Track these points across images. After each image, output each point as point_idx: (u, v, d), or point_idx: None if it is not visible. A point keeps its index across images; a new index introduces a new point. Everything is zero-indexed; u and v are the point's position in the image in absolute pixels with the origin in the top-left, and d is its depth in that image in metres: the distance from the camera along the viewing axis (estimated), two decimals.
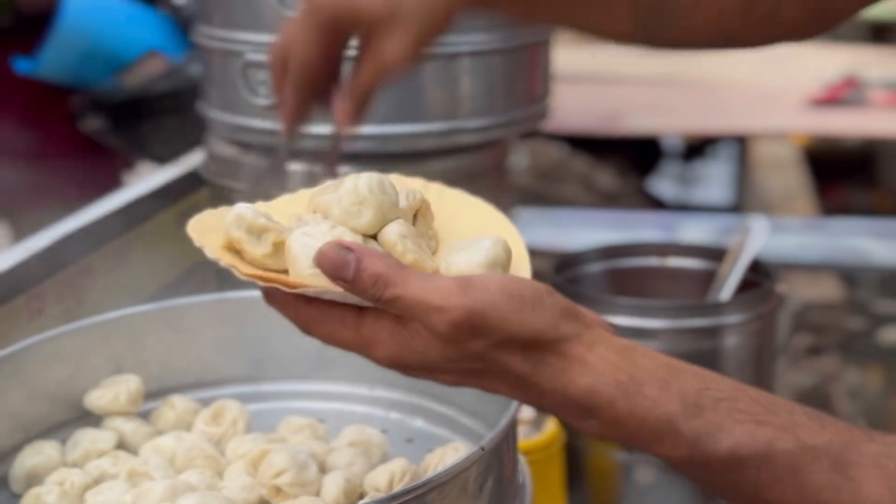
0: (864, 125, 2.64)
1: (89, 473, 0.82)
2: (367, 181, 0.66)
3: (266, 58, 1.07)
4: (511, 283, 0.60)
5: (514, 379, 0.61)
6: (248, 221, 0.66)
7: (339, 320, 0.62)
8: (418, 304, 0.59)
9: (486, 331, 0.59)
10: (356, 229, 0.66)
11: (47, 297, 1.03)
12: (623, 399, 0.60)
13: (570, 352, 0.60)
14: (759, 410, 0.60)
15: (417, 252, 0.66)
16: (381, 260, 0.60)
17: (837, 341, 1.73)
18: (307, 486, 0.77)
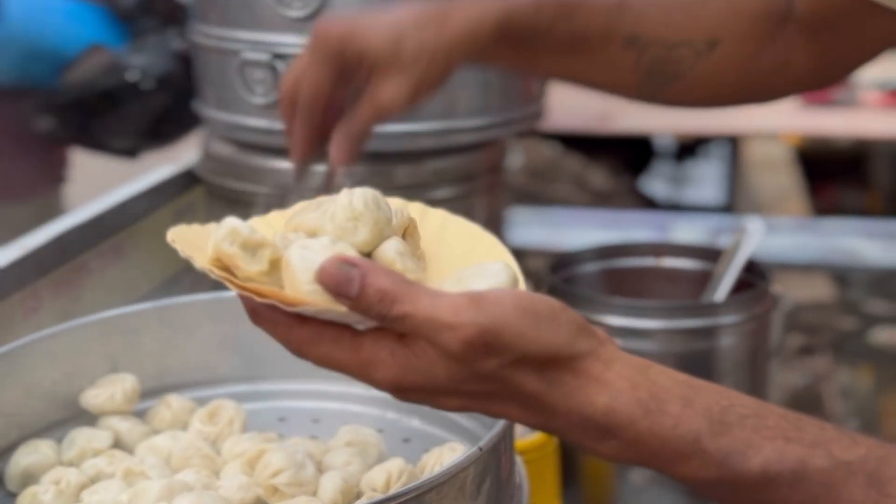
0: (855, 126, 2.65)
1: (85, 472, 0.81)
2: (361, 196, 0.63)
3: (263, 56, 1.08)
4: (525, 299, 0.57)
5: (525, 400, 0.58)
6: (243, 237, 0.62)
7: (335, 341, 0.59)
8: (429, 321, 0.56)
9: (500, 348, 0.56)
10: (352, 246, 0.62)
11: (43, 295, 1.03)
12: (644, 418, 0.57)
13: (586, 369, 0.58)
14: (787, 427, 0.58)
15: (417, 272, 0.63)
16: (387, 276, 0.56)
17: (829, 341, 1.74)
18: (304, 485, 0.77)
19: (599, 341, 0.59)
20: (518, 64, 0.88)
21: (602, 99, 2.72)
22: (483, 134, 1.13)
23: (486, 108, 1.13)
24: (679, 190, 3.65)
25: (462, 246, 0.68)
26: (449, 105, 1.11)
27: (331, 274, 0.56)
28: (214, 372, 0.94)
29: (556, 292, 1.15)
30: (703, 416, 0.57)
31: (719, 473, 0.57)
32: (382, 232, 0.63)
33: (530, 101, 1.19)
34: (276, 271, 0.62)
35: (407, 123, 1.09)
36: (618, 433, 0.58)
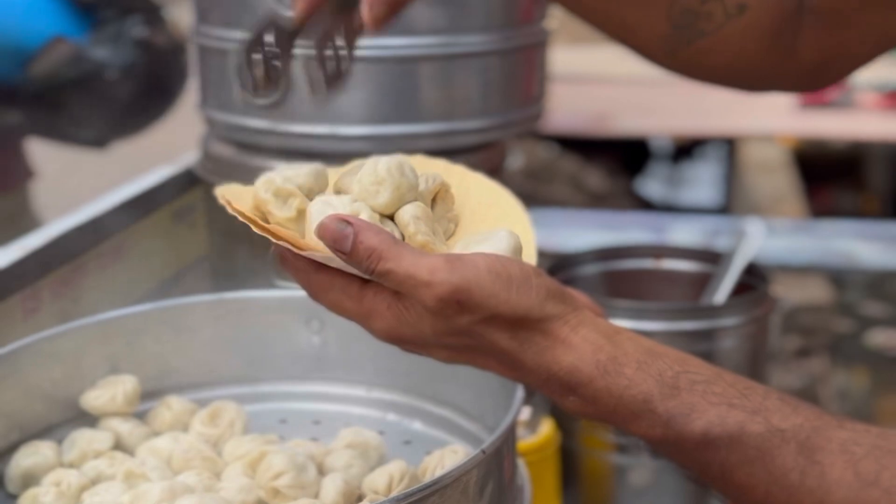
0: (852, 128, 2.65)
1: (86, 474, 0.81)
2: (386, 163, 0.69)
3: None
4: (499, 263, 0.62)
5: (501, 355, 0.64)
6: (275, 185, 0.68)
7: (343, 290, 0.65)
8: (408, 278, 0.61)
9: (472, 307, 0.61)
10: (374, 208, 0.68)
11: (42, 296, 1.03)
12: (601, 378, 0.62)
13: (554, 331, 0.63)
14: (733, 394, 0.62)
15: (429, 235, 0.68)
16: (376, 234, 0.62)
17: (825, 343, 1.74)
18: (306, 487, 0.77)
19: (572, 307, 0.64)
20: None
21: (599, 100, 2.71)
22: (483, 136, 1.13)
23: (486, 110, 1.12)
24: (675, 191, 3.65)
25: (492, 211, 0.74)
26: (449, 107, 1.11)
27: (329, 229, 0.62)
28: (215, 373, 0.94)
29: None
30: (655, 379, 0.62)
31: (665, 433, 0.62)
32: (404, 196, 0.69)
33: (530, 102, 1.18)
34: (303, 219, 0.68)
35: (407, 125, 1.09)
36: (578, 390, 0.63)
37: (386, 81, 1.08)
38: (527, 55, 1.16)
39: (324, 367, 0.94)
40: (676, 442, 0.62)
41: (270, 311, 0.94)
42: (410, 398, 0.92)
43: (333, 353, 0.94)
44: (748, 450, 0.60)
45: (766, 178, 2.80)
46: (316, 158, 1.10)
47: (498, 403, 0.81)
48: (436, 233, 0.70)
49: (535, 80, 1.19)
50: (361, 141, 1.09)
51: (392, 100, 1.09)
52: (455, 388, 0.89)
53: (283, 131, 1.10)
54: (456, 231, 0.74)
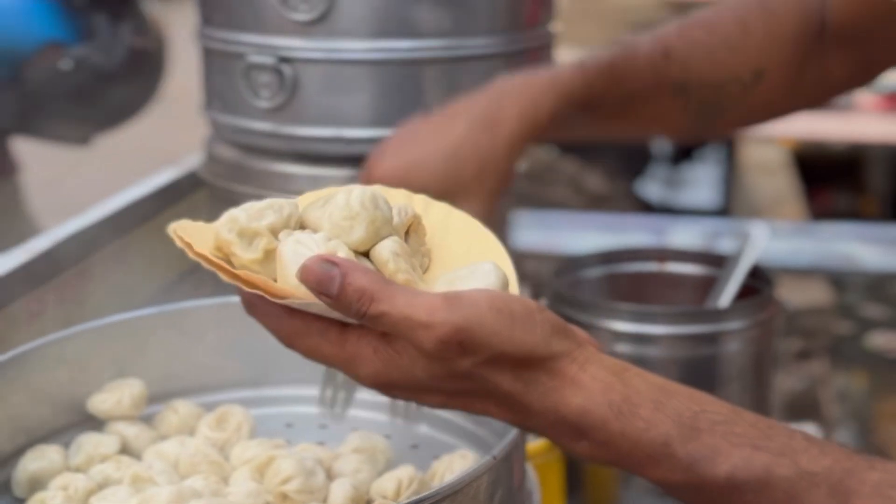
0: (851, 129, 2.66)
1: (93, 478, 0.81)
2: (359, 195, 0.64)
3: (268, 60, 1.08)
4: (500, 299, 0.59)
5: (503, 398, 0.60)
6: (240, 224, 0.63)
7: (322, 335, 0.60)
8: (404, 320, 0.57)
9: (474, 348, 0.57)
10: (348, 245, 0.63)
11: (47, 299, 1.03)
12: (616, 420, 0.58)
13: (562, 370, 0.59)
14: (756, 434, 0.59)
15: (409, 272, 0.63)
16: (366, 275, 0.58)
17: (826, 345, 1.74)
18: (314, 492, 0.77)
19: (576, 343, 0.60)
20: (572, 135, 0.90)
21: None
22: None
23: None
24: (675, 193, 3.65)
25: (462, 242, 0.69)
26: None
27: (313, 272, 0.57)
28: (221, 377, 0.94)
29: (560, 297, 1.15)
30: (673, 420, 0.58)
31: (687, 478, 0.58)
32: (379, 231, 0.64)
33: None
34: (271, 261, 0.63)
35: None
36: (590, 434, 0.59)
37: (391, 84, 1.08)
38: (532, 58, 1.16)
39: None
40: (699, 487, 0.58)
41: None
42: None
43: None
44: (777, 494, 0.57)
45: (765, 180, 2.81)
46: (321, 161, 1.11)
47: None
48: (414, 269, 0.65)
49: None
50: (366, 143, 1.08)
51: (397, 102, 1.08)
52: None
53: (287, 134, 1.10)
54: (430, 266, 0.69)
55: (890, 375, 1.79)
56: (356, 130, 1.08)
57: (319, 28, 1.06)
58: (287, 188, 1.10)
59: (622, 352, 1.15)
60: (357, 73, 1.07)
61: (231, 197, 1.14)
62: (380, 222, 0.64)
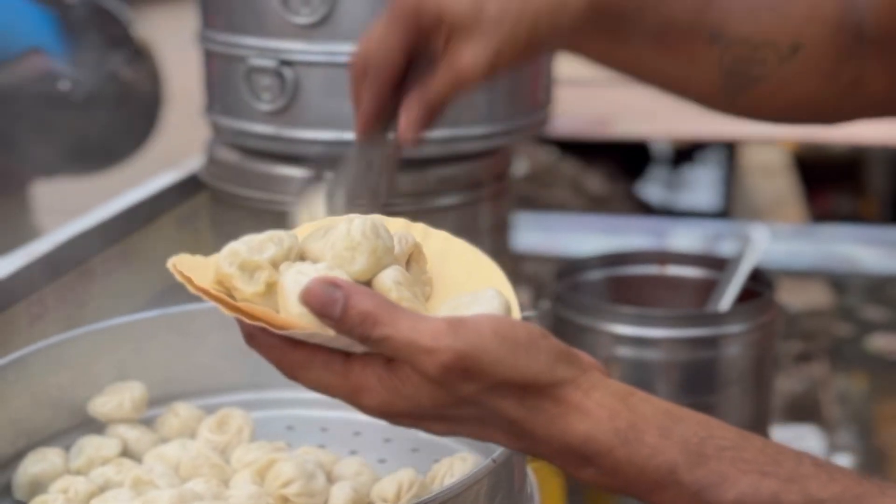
0: (851, 131, 2.64)
1: (94, 481, 0.81)
2: (360, 225, 0.63)
3: (270, 63, 1.08)
4: (504, 325, 0.58)
5: (508, 426, 0.59)
6: (241, 257, 0.63)
7: (326, 366, 0.60)
8: (408, 344, 0.56)
9: (478, 374, 0.57)
10: (350, 275, 0.62)
11: (48, 302, 1.03)
12: (622, 447, 0.58)
13: (566, 397, 0.58)
14: (764, 460, 0.58)
15: (413, 301, 0.63)
16: (370, 298, 0.57)
17: (826, 348, 1.74)
18: (315, 496, 0.77)
19: (581, 369, 0.60)
20: (603, 54, 0.85)
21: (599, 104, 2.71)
22: (489, 141, 1.13)
23: (492, 116, 1.12)
24: (675, 195, 3.65)
25: (462, 269, 0.69)
26: (455, 112, 1.10)
27: (316, 295, 0.57)
28: (222, 380, 0.94)
29: (561, 300, 1.16)
30: (680, 447, 0.58)
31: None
32: (381, 261, 0.64)
33: (536, 108, 1.18)
34: (272, 294, 0.62)
35: None
36: (596, 461, 0.58)
37: None
38: (532, 62, 1.16)
39: None
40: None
41: None
42: None
43: None
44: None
45: (766, 182, 2.81)
46: (322, 164, 1.11)
47: None
48: (417, 297, 0.64)
49: (541, 86, 1.19)
50: None
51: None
52: None
53: (288, 137, 1.10)
54: (431, 294, 0.68)
55: (890, 377, 1.79)
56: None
57: (320, 31, 1.06)
58: (288, 191, 1.10)
59: (623, 355, 1.15)
60: None
61: (232, 200, 1.15)
62: (381, 251, 0.63)
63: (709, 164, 3.58)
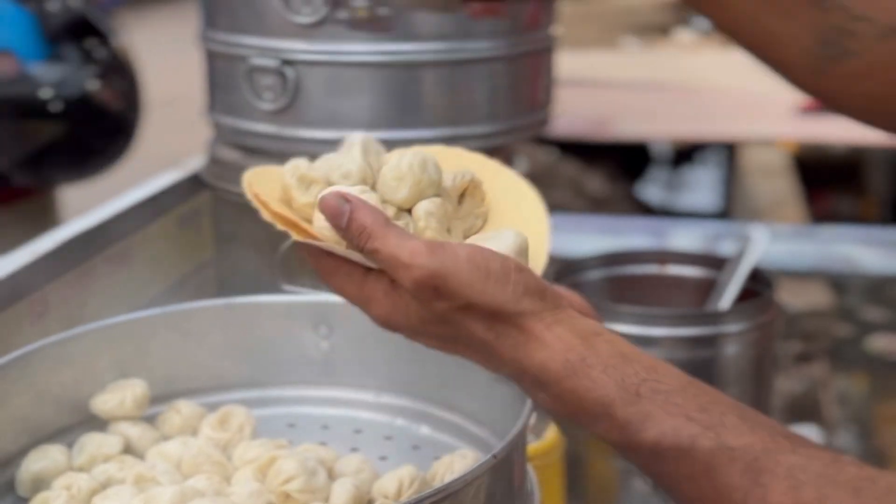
0: (851, 132, 2.64)
1: (96, 478, 0.81)
2: (409, 159, 0.70)
3: (271, 62, 1.08)
4: (480, 255, 0.64)
5: (478, 346, 0.65)
6: (300, 171, 0.71)
7: (347, 275, 0.67)
8: (390, 258, 0.63)
9: (447, 294, 0.63)
10: (393, 202, 0.70)
11: (50, 300, 1.03)
12: (568, 378, 0.63)
13: (528, 327, 0.64)
14: (693, 407, 0.61)
15: (439, 231, 0.70)
16: (370, 213, 0.64)
17: (826, 348, 1.74)
18: (316, 492, 0.77)
19: (552, 305, 0.65)
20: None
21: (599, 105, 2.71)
22: (490, 141, 1.14)
23: (492, 116, 1.13)
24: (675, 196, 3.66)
25: (515, 208, 0.75)
26: (456, 112, 1.11)
27: (328, 205, 0.65)
28: (223, 377, 0.95)
29: None
30: (618, 385, 0.62)
31: (621, 438, 0.62)
32: (423, 192, 0.70)
33: (537, 108, 1.19)
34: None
35: (414, 130, 1.09)
36: (547, 388, 0.64)
37: (393, 87, 1.08)
38: (533, 61, 1.17)
39: (332, 372, 0.95)
40: (631, 449, 0.62)
41: (279, 316, 0.95)
42: (419, 403, 0.92)
43: (342, 357, 0.94)
44: (696, 464, 0.60)
45: (766, 183, 2.81)
46: None
47: (506, 408, 0.81)
48: (452, 229, 0.71)
49: (542, 86, 1.20)
50: None
51: (399, 105, 1.09)
52: (463, 393, 0.90)
53: (289, 136, 1.10)
54: (483, 228, 0.74)
55: (890, 378, 1.79)
56: (358, 132, 1.09)
57: (322, 30, 1.07)
58: None
59: None
60: (359, 76, 1.07)
61: (234, 199, 1.15)
62: (425, 184, 0.70)
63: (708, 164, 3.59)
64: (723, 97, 2.89)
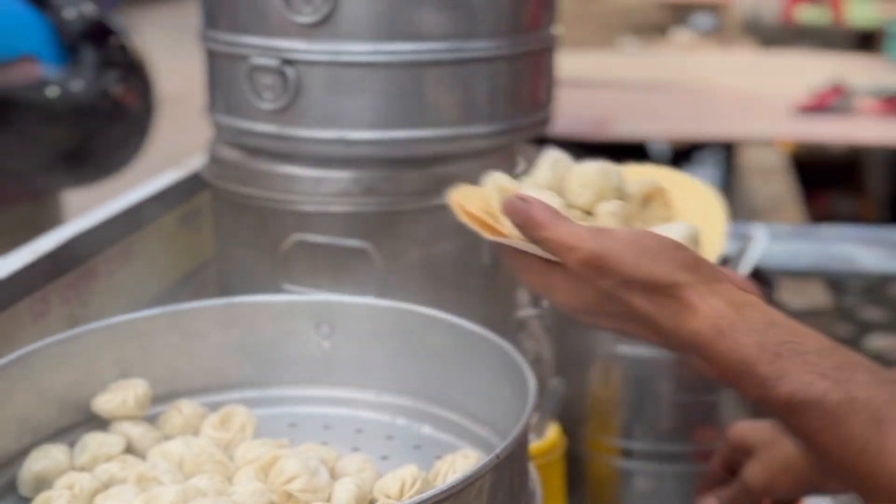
0: (850, 133, 2.66)
1: (98, 478, 0.82)
2: (592, 168, 0.82)
3: (272, 62, 1.08)
4: (638, 236, 0.72)
5: (643, 320, 0.71)
6: (500, 184, 0.81)
7: (536, 269, 0.75)
8: (558, 244, 0.71)
9: (608, 271, 0.70)
10: (578, 205, 0.81)
11: (51, 300, 1.03)
12: (716, 341, 0.68)
13: (684, 297, 0.70)
14: (828, 365, 0.66)
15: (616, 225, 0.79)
16: (543, 209, 0.72)
17: None
18: (318, 492, 0.77)
19: (709, 278, 0.71)
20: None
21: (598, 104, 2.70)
22: (491, 141, 1.13)
23: (494, 115, 1.13)
24: None
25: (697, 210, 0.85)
26: (457, 112, 1.11)
27: (510, 204, 0.74)
28: (225, 377, 0.95)
29: None
30: (760, 346, 0.67)
31: (760, 394, 0.67)
32: (605, 196, 0.81)
33: (538, 107, 1.19)
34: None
35: (415, 129, 1.09)
36: (699, 351, 0.69)
37: (394, 86, 1.08)
38: (535, 60, 1.16)
39: (333, 372, 0.95)
40: (768, 403, 0.67)
41: (280, 316, 0.95)
42: (420, 402, 0.93)
43: (343, 357, 0.94)
44: (825, 417, 0.65)
45: (764, 183, 2.81)
46: (323, 163, 1.11)
47: (507, 407, 0.81)
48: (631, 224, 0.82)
49: (543, 86, 1.20)
50: (369, 146, 1.09)
51: (400, 104, 1.09)
52: (464, 392, 0.90)
53: (290, 136, 1.10)
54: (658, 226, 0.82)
55: None
56: (359, 132, 1.09)
57: (323, 30, 1.06)
58: (290, 189, 1.11)
59: (623, 353, 1.15)
60: (360, 76, 1.07)
61: (234, 198, 1.15)
62: (606, 190, 0.81)
63: (707, 164, 3.59)
64: (721, 97, 2.90)
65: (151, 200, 1.21)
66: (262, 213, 1.13)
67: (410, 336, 0.92)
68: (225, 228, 1.18)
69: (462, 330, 0.88)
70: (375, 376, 0.94)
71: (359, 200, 1.09)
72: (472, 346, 0.87)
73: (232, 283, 1.17)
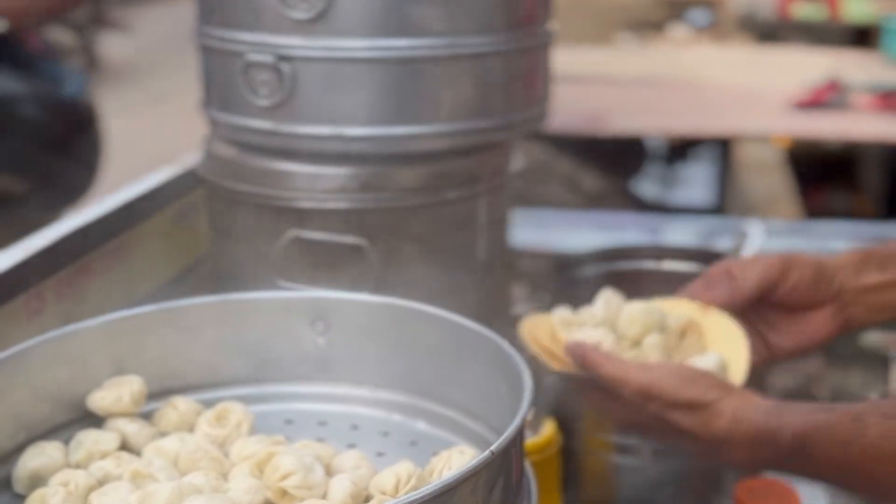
0: (846, 128, 2.65)
1: (93, 475, 0.81)
2: (639, 308, 1.03)
3: (267, 58, 1.08)
4: (676, 368, 0.94)
5: (685, 433, 0.92)
6: (563, 316, 1.05)
7: (595, 395, 0.97)
8: (612, 379, 0.94)
9: (655, 397, 0.92)
10: (628, 337, 1.03)
11: (46, 297, 1.03)
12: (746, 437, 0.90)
13: (717, 410, 0.91)
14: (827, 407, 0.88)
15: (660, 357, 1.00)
16: (596, 353, 0.96)
17: None
18: (314, 488, 0.77)
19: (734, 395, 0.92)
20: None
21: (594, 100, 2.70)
22: (487, 136, 1.13)
23: (490, 111, 1.13)
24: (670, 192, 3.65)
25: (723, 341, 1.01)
26: (453, 108, 1.11)
27: (570, 350, 0.98)
28: (220, 374, 0.94)
29: (559, 295, 1.16)
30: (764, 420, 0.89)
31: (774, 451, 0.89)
32: (649, 329, 1.02)
33: (534, 103, 1.19)
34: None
35: (411, 126, 1.09)
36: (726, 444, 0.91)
37: (390, 82, 1.08)
38: (530, 56, 1.16)
39: (329, 368, 0.95)
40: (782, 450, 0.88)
41: (275, 312, 0.94)
42: (415, 399, 0.92)
43: (338, 354, 0.94)
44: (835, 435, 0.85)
45: (760, 179, 2.81)
46: (319, 159, 1.11)
47: (502, 404, 0.81)
48: (672, 357, 1.01)
49: (539, 82, 1.20)
50: (365, 142, 1.09)
51: (396, 101, 1.09)
52: (460, 388, 0.90)
53: (286, 132, 1.10)
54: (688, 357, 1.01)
55: (884, 374, 1.79)
56: (355, 128, 1.09)
57: (318, 26, 1.06)
58: (286, 186, 1.11)
59: None
60: (355, 72, 1.07)
61: (229, 195, 1.15)
62: (650, 325, 1.02)
63: (703, 160, 3.58)
64: (717, 93, 2.89)
65: (147, 197, 1.21)
66: (258, 210, 1.13)
67: (406, 332, 0.91)
68: (220, 225, 1.18)
69: (458, 326, 0.88)
70: (371, 373, 0.94)
71: (355, 197, 1.09)
72: (468, 343, 0.87)
73: (227, 280, 1.16)
